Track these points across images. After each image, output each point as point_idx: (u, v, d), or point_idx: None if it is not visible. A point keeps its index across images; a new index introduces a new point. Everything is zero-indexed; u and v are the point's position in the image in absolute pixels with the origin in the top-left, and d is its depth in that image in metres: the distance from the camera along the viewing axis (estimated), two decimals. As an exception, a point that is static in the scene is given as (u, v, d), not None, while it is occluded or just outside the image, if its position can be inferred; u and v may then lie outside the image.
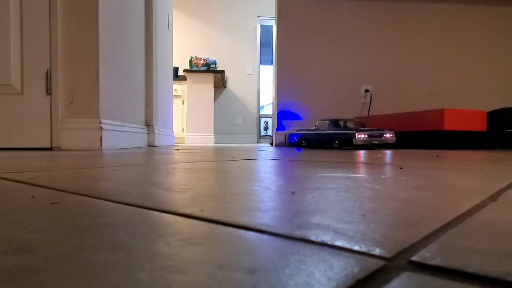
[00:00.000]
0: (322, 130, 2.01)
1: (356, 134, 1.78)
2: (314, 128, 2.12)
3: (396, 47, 2.74)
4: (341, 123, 1.96)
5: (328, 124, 2.00)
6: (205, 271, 0.15)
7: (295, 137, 2.23)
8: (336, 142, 1.90)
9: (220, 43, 4.85)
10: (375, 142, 1.82)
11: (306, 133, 2.13)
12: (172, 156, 1.07)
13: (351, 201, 0.31)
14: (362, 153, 1.39)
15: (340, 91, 2.71)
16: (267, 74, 6.23)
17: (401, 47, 2.74)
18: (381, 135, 1.84)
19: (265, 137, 5.15)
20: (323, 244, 0.19)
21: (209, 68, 4.04)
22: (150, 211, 0.27)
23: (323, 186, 0.41)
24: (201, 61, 4.02)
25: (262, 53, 5.15)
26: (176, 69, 4.18)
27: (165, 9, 2.94)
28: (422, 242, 0.19)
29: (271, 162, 0.82)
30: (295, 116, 2.67)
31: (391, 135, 1.85)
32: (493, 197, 0.34)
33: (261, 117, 5.18)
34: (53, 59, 1.59)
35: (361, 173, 0.56)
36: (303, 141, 2.15)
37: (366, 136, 1.80)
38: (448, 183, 0.44)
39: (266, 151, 1.60)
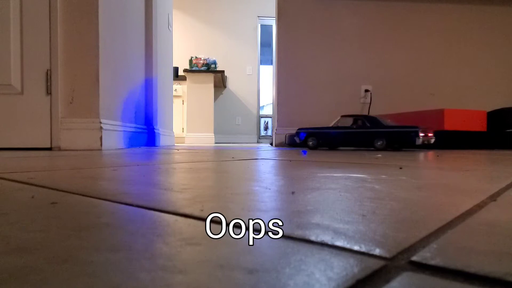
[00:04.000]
0: (353, 128, 1.71)
1: (419, 131, 1.47)
2: (333, 125, 1.82)
3: (396, 47, 2.74)
4: (382, 120, 1.67)
5: (357, 121, 1.69)
6: (205, 271, 0.15)
7: (303, 136, 1.89)
8: (381, 142, 1.60)
9: (220, 43, 4.85)
10: (426, 142, 1.56)
11: (324, 132, 1.79)
12: (172, 156, 1.07)
13: (351, 201, 0.31)
14: (363, 154, 1.39)
15: (340, 91, 2.71)
16: (267, 74, 6.23)
17: (401, 47, 2.74)
18: (427, 134, 1.61)
19: (265, 137, 5.15)
20: (323, 244, 0.19)
21: (209, 68, 4.04)
22: (150, 211, 0.27)
23: (323, 186, 0.41)
24: (201, 61, 4.03)
25: (262, 53, 5.15)
26: (176, 69, 4.18)
27: (165, 9, 2.94)
28: (422, 242, 0.19)
29: (271, 162, 0.82)
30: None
31: (432, 134, 1.65)
32: (493, 197, 0.34)
33: (261, 117, 5.18)
34: (53, 59, 1.59)
35: (361, 173, 0.56)
36: (312, 141, 1.83)
37: (424, 134, 1.53)
38: (448, 183, 0.44)
39: (266, 151, 1.60)
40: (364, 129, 1.67)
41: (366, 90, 2.71)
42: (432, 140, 1.65)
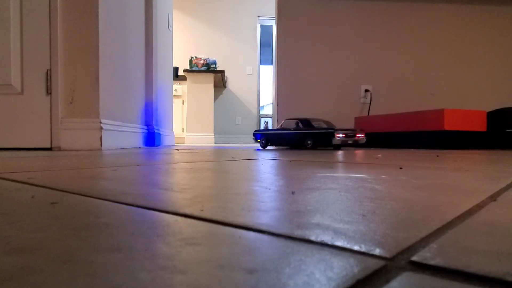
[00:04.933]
0: (291, 130, 1.90)
1: (335, 133, 1.72)
2: (279, 128, 2.00)
3: (396, 47, 2.74)
4: (314, 122, 1.87)
5: (297, 124, 1.90)
6: (205, 271, 0.15)
7: (258, 137, 2.07)
8: (309, 142, 1.82)
9: (220, 43, 4.85)
10: (350, 142, 1.80)
11: (271, 133, 2.00)
12: (172, 156, 1.07)
13: (351, 201, 0.31)
14: (361, 153, 1.39)
15: (340, 91, 2.71)
16: (267, 74, 6.24)
17: (401, 47, 2.74)
18: (354, 135, 1.82)
19: (265, 137, 5.14)
20: (323, 244, 0.19)
21: (209, 68, 4.04)
22: (150, 211, 0.27)
23: (323, 186, 0.41)
24: (201, 61, 4.03)
25: (262, 53, 5.15)
26: (176, 69, 4.18)
27: (165, 9, 2.94)
28: (422, 242, 0.19)
29: (271, 162, 0.82)
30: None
31: (362, 135, 1.86)
32: (493, 197, 0.34)
33: (261, 117, 5.18)
34: (53, 59, 1.59)
35: (361, 173, 0.56)
36: (263, 141, 2.03)
37: (344, 135, 1.76)
38: (448, 183, 0.44)
39: (266, 151, 1.60)
40: (299, 130, 1.89)
41: (366, 90, 2.71)
42: (363, 141, 1.87)
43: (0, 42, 1.55)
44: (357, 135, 1.83)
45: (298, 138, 1.87)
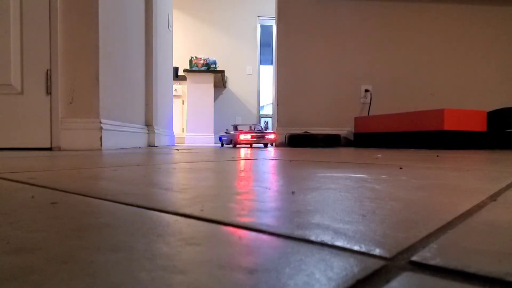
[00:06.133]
0: (230, 133, 2.56)
1: (237, 135, 2.35)
2: (226, 132, 2.68)
3: (396, 47, 2.74)
4: (240, 127, 2.41)
5: (233, 128, 2.58)
6: (205, 271, 0.15)
7: (220, 139, 2.80)
8: (232, 141, 2.45)
9: (220, 43, 4.85)
10: (260, 141, 2.35)
11: (223, 135, 2.70)
12: (172, 156, 1.07)
13: (351, 201, 0.31)
14: (362, 153, 1.39)
15: (340, 91, 2.71)
16: (267, 74, 6.24)
17: (401, 47, 2.74)
18: (263, 136, 2.35)
19: (265, 137, 5.14)
20: (323, 244, 0.19)
21: (209, 68, 4.04)
22: (150, 211, 0.27)
23: (323, 186, 0.41)
24: (201, 61, 4.02)
25: (262, 53, 5.15)
26: (176, 69, 4.17)
27: (165, 9, 2.94)
28: (422, 242, 0.19)
29: (271, 162, 0.82)
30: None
31: (273, 137, 2.38)
32: (493, 197, 0.34)
33: (261, 117, 5.18)
34: (53, 59, 1.59)
35: (361, 173, 0.56)
36: (221, 142, 2.76)
37: (252, 137, 2.34)
38: (448, 183, 0.44)
39: (266, 151, 1.60)
40: (230, 133, 2.52)
41: (366, 90, 2.71)
42: (273, 141, 2.41)
43: (0, 42, 1.55)
44: (266, 136, 2.36)
45: (229, 139, 2.52)
